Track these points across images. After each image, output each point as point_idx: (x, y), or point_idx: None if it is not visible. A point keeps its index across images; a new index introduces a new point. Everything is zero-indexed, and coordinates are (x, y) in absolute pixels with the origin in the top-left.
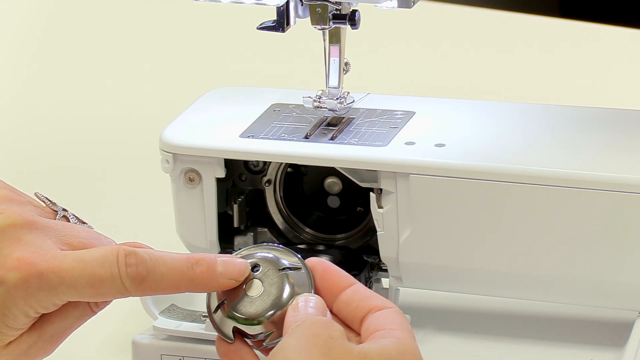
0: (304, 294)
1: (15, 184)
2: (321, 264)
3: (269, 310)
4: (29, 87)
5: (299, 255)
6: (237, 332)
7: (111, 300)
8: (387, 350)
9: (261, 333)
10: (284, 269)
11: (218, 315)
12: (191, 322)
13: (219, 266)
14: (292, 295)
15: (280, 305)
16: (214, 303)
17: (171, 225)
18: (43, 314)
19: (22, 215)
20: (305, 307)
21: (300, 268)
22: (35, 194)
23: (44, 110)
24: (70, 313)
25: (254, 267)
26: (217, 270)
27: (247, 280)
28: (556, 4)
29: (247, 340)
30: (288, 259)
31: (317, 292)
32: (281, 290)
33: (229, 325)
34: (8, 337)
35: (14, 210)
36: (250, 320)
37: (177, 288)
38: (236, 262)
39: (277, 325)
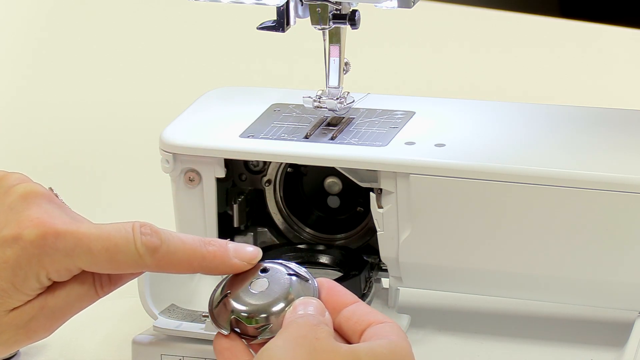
0: (304, 297)
1: None
2: (328, 281)
3: (268, 305)
4: (29, 87)
5: (309, 273)
6: (234, 329)
7: (118, 285)
8: (377, 349)
9: (256, 327)
10: (292, 274)
11: (219, 307)
12: (191, 322)
13: (231, 247)
14: (295, 296)
15: (279, 303)
16: (218, 295)
17: (171, 225)
18: (48, 286)
19: (43, 188)
20: (305, 309)
21: (308, 280)
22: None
23: (44, 110)
24: (76, 290)
25: (264, 269)
26: (229, 251)
27: (255, 279)
28: (556, 4)
29: (243, 340)
30: (298, 269)
31: None
32: (284, 290)
33: (227, 317)
34: (14, 301)
35: (35, 184)
36: (248, 312)
37: (189, 264)
38: (247, 245)
39: (272, 322)
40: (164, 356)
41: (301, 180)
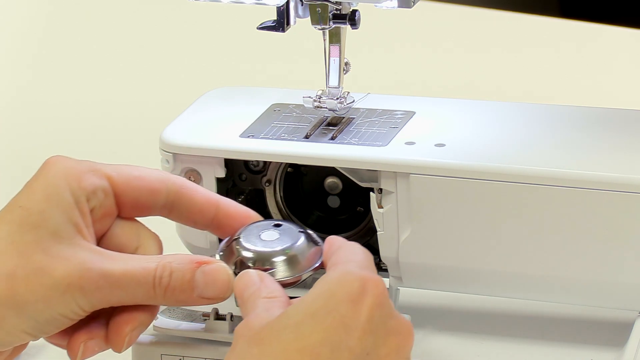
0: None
1: (15, 184)
2: (338, 239)
3: (273, 253)
4: (29, 87)
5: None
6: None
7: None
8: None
9: (262, 269)
10: (302, 232)
11: (227, 249)
12: (191, 322)
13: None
14: (300, 251)
15: (284, 252)
16: (228, 239)
17: (171, 225)
18: None
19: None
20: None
21: (318, 242)
22: None
23: (44, 110)
24: None
25: (278, 225)
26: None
27: (267, 230)
28: (556, 4)
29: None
30: (310, 232)
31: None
32: (292, 242)
33: (233, 259)
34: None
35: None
36: (253, 258)
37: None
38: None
39: (277, 268)
40: (164, 356)
41: (301, 180)
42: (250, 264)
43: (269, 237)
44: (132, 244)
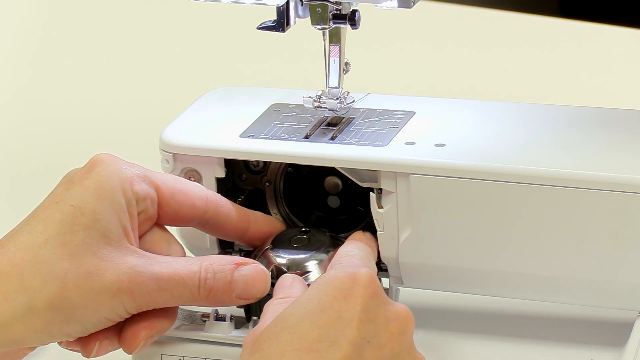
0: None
1: (15, 184)
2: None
3: (307, 258)
4: (28, 87)
5: None
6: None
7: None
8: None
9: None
10: (330, 234)
11: (261, 259)
12: (191, 322)
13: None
14: (331, 254)
15: (317, 257)
16: (260, 248)
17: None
18: None
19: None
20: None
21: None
22: None
23: (44, 110)
24: None
25: (306, 230)
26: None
27: (296, 236)
28: (556, 4)
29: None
30: (337, 236)
31: None
32: (323, 244)
33: (270, 268)
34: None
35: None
36: (287, 264)
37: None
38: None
39: (311, 272)
40: (164, 356)
41: (301, 180)
42: (285, 271)
43: (299, 243)
44: (162, 250)
